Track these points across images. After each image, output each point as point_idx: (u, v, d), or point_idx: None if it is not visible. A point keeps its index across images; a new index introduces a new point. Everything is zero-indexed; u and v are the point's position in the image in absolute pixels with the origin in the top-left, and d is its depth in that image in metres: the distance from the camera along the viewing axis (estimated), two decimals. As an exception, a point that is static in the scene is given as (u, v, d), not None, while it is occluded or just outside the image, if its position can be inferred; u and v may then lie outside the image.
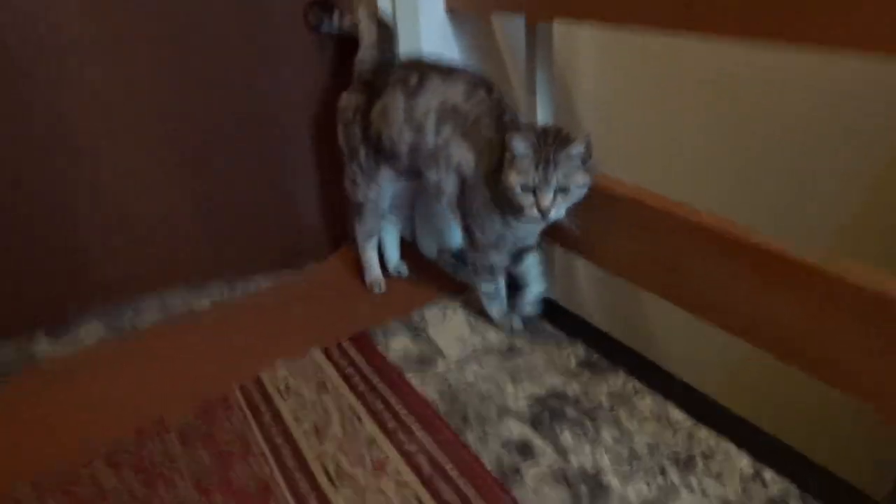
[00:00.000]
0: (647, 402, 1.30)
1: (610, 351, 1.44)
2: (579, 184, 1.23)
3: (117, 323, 1.70)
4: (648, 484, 1.12)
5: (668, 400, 1.29)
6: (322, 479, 1.17)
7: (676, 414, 1.26)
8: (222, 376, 1.46)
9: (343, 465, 1.20)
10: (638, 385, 1.34)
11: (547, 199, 1.22)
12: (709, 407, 1.27)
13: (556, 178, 1.21)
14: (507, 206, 1.32)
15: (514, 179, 1.23)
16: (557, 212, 1.25)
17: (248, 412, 1.35)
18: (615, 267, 1.39)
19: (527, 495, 1.11)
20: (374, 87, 1.52)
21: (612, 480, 1.13)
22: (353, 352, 1.51)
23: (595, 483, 1.13)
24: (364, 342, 1.54)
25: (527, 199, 1.23)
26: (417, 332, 1.56)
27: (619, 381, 1.36)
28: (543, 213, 1.23)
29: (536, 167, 1.20)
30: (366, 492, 1.14)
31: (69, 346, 1.63)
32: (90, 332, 1.68)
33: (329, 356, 1.50)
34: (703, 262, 1.17)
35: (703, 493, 1.10)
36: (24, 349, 1.62)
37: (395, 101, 1.45)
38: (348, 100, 1.59)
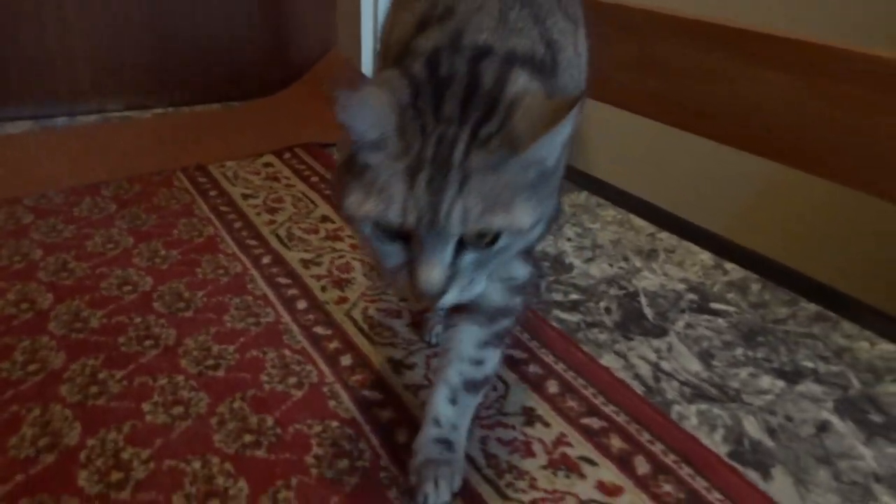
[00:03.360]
0: (611, 212, 1.28)
1: (573, 176, 1.41)
2: (525, 222, 0.49)
3: (49, 125, 1.57)
4: (611, 265, 1.10)
5: (631, 213, 1.28)
6: (273, 241, 1.10)
7: (639, 222, 1.25)
8: (161, 163, 1.36)
9: (295, 232, 1.13)
10: (601, 200, 1.32)
11: (434, 268, 0.49)
12: (670, 218, 1.26)
13: (458, 209, 0.47)
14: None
15: (363, 208, 0.49)
16: (462, 291, 0.52)
17: (190, 187, 1.26)
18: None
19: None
20: None
21: (575, 261, 1.10)
22: (307, 157, 1.43)
23: (558, 261, 1.10)
24: (319, 153, 1.46)
25: (388, 257, 0.52)
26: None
27: (581, 196, 1.34)
28: (426, 297, 0.50)
29: (412, 176, 0.48)
30: (319, 250, 1.07)
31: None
32: (18, 127, 1.54)
33: (280, 158, 1.42)
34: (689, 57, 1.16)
35: (665, 274, 1.08)
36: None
37: None
38: None
